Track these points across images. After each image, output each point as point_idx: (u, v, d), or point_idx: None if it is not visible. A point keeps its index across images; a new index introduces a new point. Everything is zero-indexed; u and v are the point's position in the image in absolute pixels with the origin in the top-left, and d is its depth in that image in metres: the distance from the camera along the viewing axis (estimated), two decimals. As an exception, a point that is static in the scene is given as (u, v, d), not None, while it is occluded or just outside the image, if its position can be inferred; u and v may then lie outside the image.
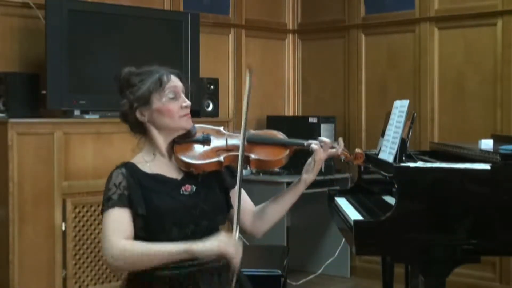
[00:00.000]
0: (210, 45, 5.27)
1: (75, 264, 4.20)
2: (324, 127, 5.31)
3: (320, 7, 5.80)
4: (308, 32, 5.91)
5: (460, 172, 2.74)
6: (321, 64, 5.79)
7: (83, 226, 4.23)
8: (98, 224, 4.29)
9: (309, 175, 2.40)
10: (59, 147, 4.13)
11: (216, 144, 2.36)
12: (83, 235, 4.23)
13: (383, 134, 3.33)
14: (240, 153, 2.26)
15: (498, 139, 3.44)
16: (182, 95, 2.34)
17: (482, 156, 2.91)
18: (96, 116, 4.34)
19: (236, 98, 5.58)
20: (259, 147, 2.37)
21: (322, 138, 2.40)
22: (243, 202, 2.40)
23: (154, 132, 2.34)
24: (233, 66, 5.56)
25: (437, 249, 2.69)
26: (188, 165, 2.29)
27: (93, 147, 4.28)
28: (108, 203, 2.22)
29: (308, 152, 2.39)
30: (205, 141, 2.36)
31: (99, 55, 4.44)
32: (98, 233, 4.29)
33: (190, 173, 2.31)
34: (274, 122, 5.39)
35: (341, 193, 3.54)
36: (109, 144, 4.35)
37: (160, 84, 2.30)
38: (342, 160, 2.42)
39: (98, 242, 4.28)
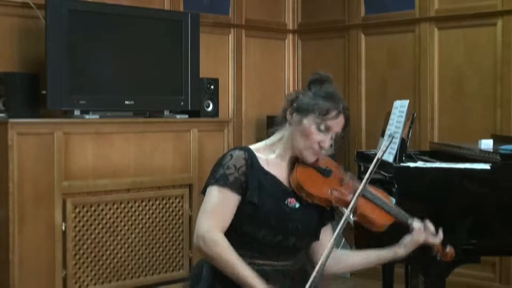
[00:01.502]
0: (210, 45, 5.27)
1: (75, 264, 4.20)
2: (324, 127, 5.30)
3: (320, 7, 5.80)
4: (308, 32, 5.91)
5: (460, 172, 2.74)
6: (321, 64, 5.78)
7: (83, 226, 4.23)
8: (98, 224, 4.29)
9: (401, 250, 2.38)
10: (59, 147, 4.13)
11: (334, 181, 2.36)
12: (83, 235, 4.23)
13: (383, 134, 3.33)
14: (349, 207, 2.26)
15: (498, 139, 3.44)
16: (330, 137, 2.32)
17: (482, 156, 2.92)
18: (96, 116, 4.34)
19: (236, 98, 5.58)
20: (370, 205, 2.36)
21: (428, 223, 2.37)
22: (323, 244, 2.37)
23: (286, 138, 2.35)
24: (233, 66, 5.56)
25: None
26: (301, 189, 2.28)
27: (93, 147, 4.29)
28: (221, 180, 2.21)
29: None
30: (326, 174, 2.36)
31: (99, 55, 4.44)
32: (98, 233, 4.29)
33: None
34: (274, 122, 5.38)
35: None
36: (109, 144, 4.35)
37: (324, 114, 2.28)
38: (434, 254, 2.40)
39: (98, 242, 4.29)
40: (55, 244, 4.12)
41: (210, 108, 4.98)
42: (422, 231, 2.33)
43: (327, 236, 2.38)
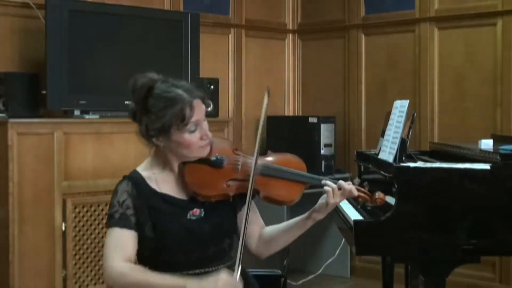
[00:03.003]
0: (210, 45, 5.26)
1: (75, 264, 4.20)
2: (324, 127, 5.31)
3: (320, 7, 5.80)
4: (308, 32, 5.90)
5: (460, 172, 2.74)
6: (321, 64, 5.79)
7: (83, 226, 4.23)
8: (98, 224, 4.29)
9: (319, 214, 2.31)
10: (59, 147, 4.13)
11: (228, 171, 2.21)
12: (83, 235, 4.23)
13: (383, 134, 3.33)
14: (249, 190, 2.12)
15: (498, 139, 3.44)
16: (204, 124, 2.22)
17: (482, 156, 2.91)
18: (96, 116, 4.34)
19: (236, 98, 5.58)
20: (273, 182, 2.23)
21: (342, 182, 2.27)
22: (256, 225, 2.33)
23: (168, 155, 2.24)
24: (233, 66, 5.56)
25: (437, 249, 2.69)
26: (196, 193, 2.19)
27: (93, 147, 4.28)
28: (109, 221, 2.17)
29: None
30: (218, 165, 2.22)
31: (99, 55, 4.45)
32: (98, 233, 4.29)
33: None
34: (274, 122, 5.39)
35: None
36: (109, 144, 4.35)
37: (182, 119, 2.14)
38: (362, 204, 2.35)
39: (98, 242, 4.28)
40: (55, 244, 4.12)
41: (210, 108, 4.98)
42: (336, 194, 2.24)
43: (252, 217, 2.30)
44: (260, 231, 2.39)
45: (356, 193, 2.30)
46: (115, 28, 4.50)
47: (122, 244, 2.13)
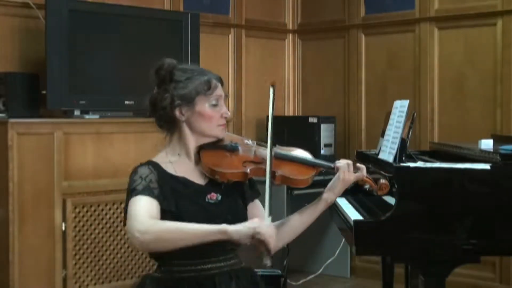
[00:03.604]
0: (210, 45, 5.26)
1: (75, 264, 4.20)
2: (324, 127, 5.31)
3: (320, 7, 5.80)
4: (308, 32, 5.91)
5: (460, 172, 2.74)
6: (321, 64, 5.79)
7: (83, 226, 4.23)
8: (98, 224, 4.29)
9: (330, 194, 2.36)
10: (59, 147, 4.13)
11: (243, 154, 2.31)
12: (83, 235, 4.23)
13: (383, 134, 3.33)
14: (267, 167, 2.20)
15: (498, 139, 3.44)
16: (223, 104, 2.31)
17: (482, 156, 2.91)
18: (96, 116, 4.34)
19: (236, 98, 5.58)
20: (287, 164, 2.33)
21: (347, 160, 2.37)
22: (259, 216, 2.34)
23: (187, 133, 2.29)
24: (233, 66, 5.56)
25: (437, 249, 2.69)
26: (214, 172, 2.24)
27: (93, 147, 4.28)
28: (132, 194, 2.16)
29: (331, 174, 2.36)
30: (233, 150, 2.32)
31: (99, 55, 4.45)
32: (98, 233, 4.29)
33: (213, 180, 2.27)
34: (274, 122, 5.38)
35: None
36: (109, 144, 4.35)
37: (208, 88, 2.26)
38: (367, 189, 2.39)
39: (98, 242, 4.29)
40: (55, 244, 4.12)
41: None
42: (350, 169, 2.33)
43: (257, 212, 2.35)
44: None
45: (365, 173, 2.36)
46: (115, 28, 4.50)
47: (147, 208, 2.13)
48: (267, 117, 2.32)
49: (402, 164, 2.83)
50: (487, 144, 3.21)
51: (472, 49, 4.90)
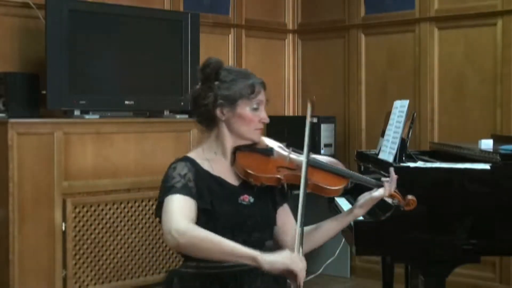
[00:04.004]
0: (210, 45, 5.26)
1: (75, 264, 4.20)
2: (324, 127, 5.30)
3: (320, 7, 5.80)
4: (308, 32, 5.91)
5: (460, 172, 2.74)
6: (321, 64, 5.79)
7: (83, 226, 4.23)
8: (98, 224, 4.29)
9: (360, 210, 2.40)
10: (59, 147, 4.13)
11: (278, 159, 2.33)
12: (83, 235, 4.23)
13: (383, 134, 3.34)
14: (303, 173, 2.21)
15: (498, 139, 3.44)
16: (263, 109, 2.34)
17: (482, 156, 2.92)
18: (96, 116, 4.34)
19: (236, 98, 5.58)
20: (320, 173, 2.34)
21: (387, 179, 2.39)
22: (288, 224, 2.39)
23: (225, 132, 2.31)
24: (233, 66, 5.56)
25: (437, 249, 2.69)
26: (248, 174, 2.26)
27: (93, 147, 4.28)
28: (170, 191, 2.18)
29: (361, 187, 2.39)
30: (268, 154, 2.34)
31: (99, 55, 4.44)
32: (98, 233, 4.29)
33: (247, 182, 2.29)
34: (274, 122, 5.33)
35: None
36: (109, 144, 4.35)
37: (251, 92, 2.29)
38: (394, 203, 2.40)
39: (98, 242, 4.28)
40: (55, 244, 4.12)
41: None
42: (387, 187, 2.36)
43: (284, 217, 2.39)
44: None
45: (393, 189, 2.39)
46: (115, 28, 4.50)
47: (185, 209, 2.15)
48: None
49: (402, 164, 2.83)
50: (487, 144, 3.21)
51: (472, 49, 4.90)
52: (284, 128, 5.40)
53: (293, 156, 2.36)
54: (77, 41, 4.29)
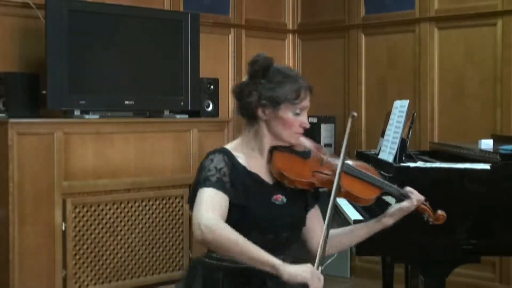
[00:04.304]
0: (210, 45, 5.27)
1: (75, 264, 4.20)
2: (324, 127, 5.31)
3: (320, 7, 5.80)
4: (308, 32, 5.91)
5: (460, 172, 2.74)
6: (321, 64, 5.79)
7: (83, 226, 4.23)
8: (98, 224, 4.30)
9: (389, 220, 2.39)
10: (59, 147, 4.13)
11: (314, 163, 2.32)
12: (83, 235, 4.23)
13: (383, 134, 3.34)
14: (333, 188, 2.20)
15: (498, 139, 3.44)
16: (305, 115, 2.32)
17: (482, 156, 2.92)
18: (96, 116, 4.34)
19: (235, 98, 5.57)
20: (355, 181, 2.34)
21: (412, 189, 2.39)
22: (316, 228, 2.38)
23: (264, 131, 2.30)
24: (233, 66, 5.56)
25: (437, 249, 2.69)
26: (283, 176, 2.26)
27: (93, 147, 4.29)
28: (205, 183, 2.17)
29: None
30: (305, 157, 2.33)
31: (99, 55, 4.45)
32: (98, 233, 4.29)
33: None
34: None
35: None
36: (109, 144, 4.35)
37: (297, 97, 2.25)
38: (425, 219, 2.39)
39: (98, 242, 4.29)
40: (55, 244, 4.12)
41: (210, 108, 4.98)
42: (416, 198, 2.35)
43: (314, 220, 2.38)
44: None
45: (422, 199, 2.38)
46: (115, 28, 4.50)
47: (217, 204, 2.15)
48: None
49: (402, 164, 2.83)
50: (487, 144, 3.21)
51: (472, 49, 4.90)
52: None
53: (330, 160, 2.35)
54: (77, 41, 4.29)
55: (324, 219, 2.21)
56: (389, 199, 2.93)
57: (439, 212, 2.38)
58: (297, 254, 2.34)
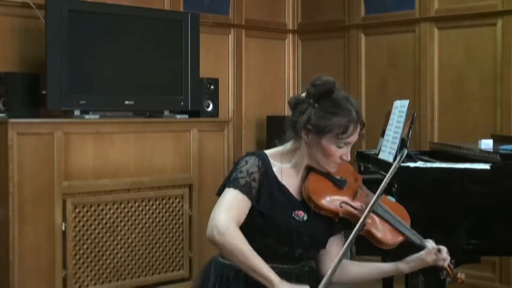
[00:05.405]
0: (210, 45, 5.27)
1: (75, 264, 4.20)
2: (324, 127, 5.29)
3: (320, 7, 5.80)
4: (308, 32, 5.91)
5: (460, 172, 2.74)
6: (321, 64, 5.79)
7: (83, 226, 4.23)
8: (98, 224, 4.29)
9: (405, 267, 2.36)
10: (59, 147, 4.13)
11: (346, 194, 2.29)
12: (83, 235, 4.23)
13: (383, 134, 3.34)
14: (357, 226, 2.19)
15: (498, 139, 3.44)
16: (349, 148, 2.29)
17: (482, 156, 2.92)
18: (96, 116, 4.34)
19: (236, 98, 5.58)
20: (381, 222, 2.31)
21: (441, 247, 2.35)
22: (335, 251, 2.34)
23: (304, 152, 2.30)
24: (233, 66, 5.56)
25: (437, 249, 2.68)
26: (310, 199, 2.25)
27: (93, 147, 4.29)
28: (233, 183, 2.20)
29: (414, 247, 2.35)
30: (339, 186, 2.30)
31: (99, 55, 4.45)
32: (98, 233, 4.29)
33: None
34: (274, 122, 5.39)
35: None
36: (109, 144, 4.35)
37: (343, 132, 2.23)
38: (442, 277, 2.36)
39: (98, 242, 4.29)
40: (55, 244, 4.12)
41: (210, 108, 4.98)
42: (433, 253, 2.31)
43: (335, 246, 2.35)
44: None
45: (446, 264, 2.34)
46: (115, 28, 4.50)
47: (238, 207, 2.18)
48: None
49: (402, 164, 2.82)
50: (487, 144, 3.21)
51: (472, 49, 4.89)
52: (284, 128, 5.40)
53: (364, 194, 2.32)
54: (77, 41, 4.29)
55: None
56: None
57: (459, 275, 2.34)
58: (312, 265, 2.35)
